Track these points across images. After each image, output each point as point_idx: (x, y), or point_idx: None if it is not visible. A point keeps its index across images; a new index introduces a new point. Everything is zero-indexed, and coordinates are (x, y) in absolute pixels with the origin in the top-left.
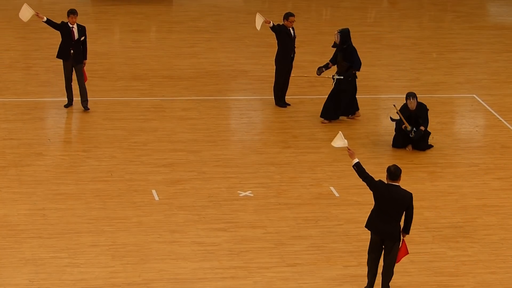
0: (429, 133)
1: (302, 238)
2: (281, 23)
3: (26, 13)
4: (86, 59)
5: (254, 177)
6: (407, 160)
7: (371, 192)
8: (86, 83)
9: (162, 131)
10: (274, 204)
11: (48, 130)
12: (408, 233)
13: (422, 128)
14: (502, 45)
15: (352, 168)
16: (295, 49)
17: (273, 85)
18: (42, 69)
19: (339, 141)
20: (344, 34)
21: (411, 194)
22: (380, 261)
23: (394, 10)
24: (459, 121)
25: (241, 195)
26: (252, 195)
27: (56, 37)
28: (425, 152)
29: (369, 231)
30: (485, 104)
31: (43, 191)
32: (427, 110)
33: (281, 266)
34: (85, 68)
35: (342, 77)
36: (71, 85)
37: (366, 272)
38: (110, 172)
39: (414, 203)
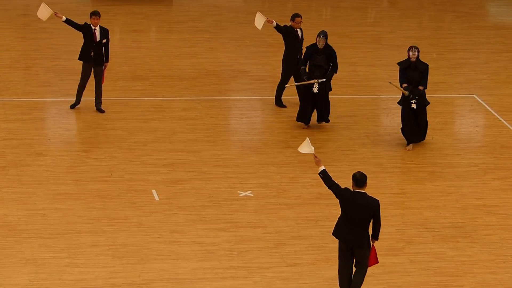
0: (427, 102)
1: (302, 238)
2: (288, 24)
3: (44, 12)
4: (107, 62)
5: (254, 177)
6: (407, 160)
7: (337, 199)
8: (109, 87)
9: (162, 131)
10: (274, 204)
11: (48, 130)
12: (377, 239)
13: (421, 87)
14: (502, 45)
15: (318, 175)
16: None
17: (277, 84)
18: (42, 69)
19: (306, 148)
20: (327, 37)
21: (377, 201)
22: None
23: (394, 10)
24: (459, 121)
25: (241, 195)
26: (252, 195)
27: (55, 37)
28: (425, 152)
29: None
30: (485, 104)
31: (43, 191)
32: (428, 66)
33: (281, 266)
34: (105, 71)
35: (325, 80)
36: (85, 87)
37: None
38: (110, 172)
39: (414, 203)
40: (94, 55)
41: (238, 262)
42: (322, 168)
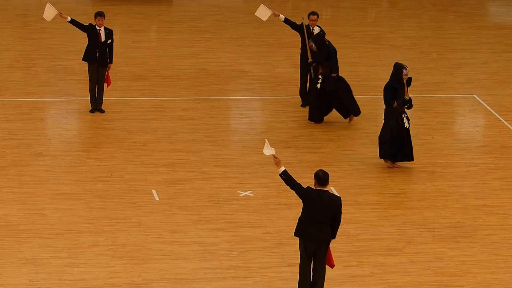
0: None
1: None
2: (307, 23)
3: (49, 13)
4: (111, 63)
5: (254, 177)
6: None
7: (301, 200)
8: (109, 87)
9: (162, 131)
10: (274, 204)
11: (48, 130)
12: (334, 237)
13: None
14: (502, 45)
15: (279, 176)
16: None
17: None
18: (42, 69)
19: (267, 150)
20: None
21: (340, 198)
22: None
23: (394, 10)
24: (459, 121)
25: (241, 195)
26: (252, 195)
27: (55, 37)
28: (425, 152)
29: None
30: (485, 104)
31: (43, 191)
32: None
33: (281, 266)
34: (109, 72)
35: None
36: (96, 89)
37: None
38: (110, 172)
39: (414, 203)
40: (99, 56)
41: (238, 262)
42: (282, 169)
